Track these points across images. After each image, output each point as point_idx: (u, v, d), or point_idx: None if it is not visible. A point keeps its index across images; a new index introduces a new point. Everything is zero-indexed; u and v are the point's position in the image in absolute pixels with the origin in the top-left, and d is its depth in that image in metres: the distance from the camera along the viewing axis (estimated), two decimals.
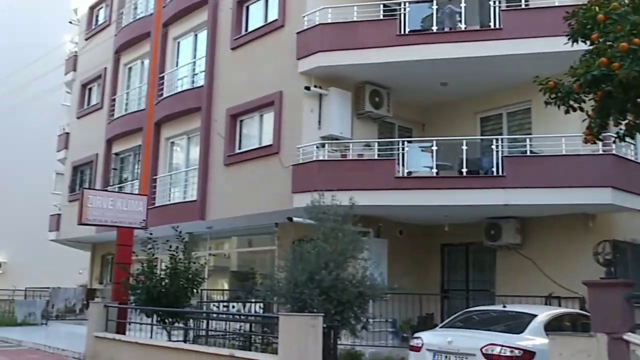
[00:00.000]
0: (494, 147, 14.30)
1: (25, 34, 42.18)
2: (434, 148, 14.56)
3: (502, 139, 14.71)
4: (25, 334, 20.12)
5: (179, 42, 22.10)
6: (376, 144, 15.43)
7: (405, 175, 14.86)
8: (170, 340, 13.84)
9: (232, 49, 18.91)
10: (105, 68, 25.60)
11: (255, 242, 20.42)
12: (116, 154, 24.47)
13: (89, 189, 20.44)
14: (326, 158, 15.34)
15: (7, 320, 23.41)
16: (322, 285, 11.31)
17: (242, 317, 14.55)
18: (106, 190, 20.81)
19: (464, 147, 14.29)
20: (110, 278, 25.05)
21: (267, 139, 17.27)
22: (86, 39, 27.41)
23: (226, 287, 20.46)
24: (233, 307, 16.09)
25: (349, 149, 15.63)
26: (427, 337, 9.94)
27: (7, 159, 41.15)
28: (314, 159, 15.29)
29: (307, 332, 10.10)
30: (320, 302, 11.25)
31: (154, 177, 21.01)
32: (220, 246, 21.65)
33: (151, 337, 14.09)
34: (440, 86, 16.45)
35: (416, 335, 10.19)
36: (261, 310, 14.99)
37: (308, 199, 13.38)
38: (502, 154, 14.25)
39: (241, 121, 18.49)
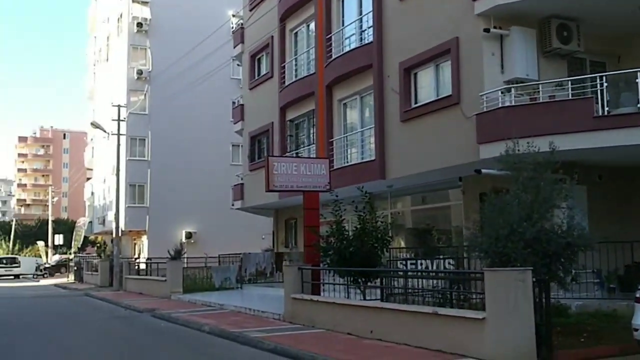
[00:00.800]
0: None
1: (191, 15, 44.31)
2: (639, 81, 13.05)
3: None
4: (224, 297, 21.31)
5: (343, 0, 21.80)
6: (569, 83, 14.16)
7: (606, 114, 13.52)
8: (365, 299, 13.83)
9: None
10: (272, 36, 26.00)
11: (437, 197, 19.89)
12: (290, 120, 24.90)
13: (273, 156, 20.94)
14: (513, 103, 14.37)
15: (206, 285, 24.94)
16: (525, 237, 10.63)
17: (442, 274, 14.08)
18: (292, 156, 21.14)
19: None
20: (295, 241, 25.80)
21: (446, 90, 16.56)
22: (250, 10, 27.96)
23: (403, 244, 20.24)
24: (421, 264, 15.79)
25: (537, 91, 14.51)
26: None
27: (188, 137, 43.95)
28: (500, 105, 14.40)
29: (516, 287, 9.61)
30: (525, 255, 10.58)
31: (330, 140, 21.09)
32: (400, 204, 21.38)
33: (347, 297, 14.14)
34: (638, 10, 14.70)
35: None
36: (452, 267, 14.55)
37: (497, 148, 12.66)
38: None
39: (415, 74, 17.89)
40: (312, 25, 23.52)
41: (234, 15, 42.61)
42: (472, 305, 11.65)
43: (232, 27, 39.96)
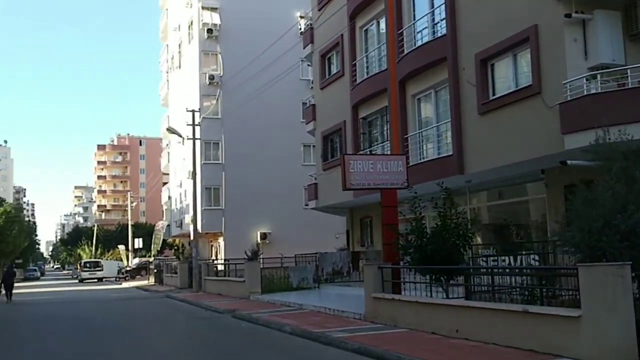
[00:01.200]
0: None
1: (259, 18, 44.79)
2: None
3: None
4: (302, 297, 21.28)
5: None
6: None
7: None
8: (447, 297, 13.49)
9: None
10: (342, 35, 25.87)
11: (514, 192, 19.34)
12: (363, 118, 24.65)
13: (349, 154, 20.77)
14: (600, 90, 13.71)
15: (283, 285, 25.01)
16: (620, 230, 10.08)
17: (530, 270, 13.56)
18: (365, 154, 20.93)
19: None
20: (371, 240, 25.59)
21: (525, 80, 16.01)
22: (319, 9, 27.91)
23: (480, 241, 19.68)
24: (503, 260, 15.29)
25: (626, 77, 13.77)
26: None
27: (260, 139, 44.46)
28: (585, 93, 13.76)
29: (615, 283, 9.14)
30: (621, 249, 10.03)
31: (405, 136, 20.75)
32: (475, 200, 20.83)
33: (431, 295, 13.81)
34: None
35: None
36: (536, 263, 14.02)
37: (584, 138, 12.14)
38: None
39: (492, 65, 17.35)
40: (383, 22, 23.26)
41: (301, 17, 42.81)
42: (562, 302, 11.18)
43: (300, 29, 40.16)
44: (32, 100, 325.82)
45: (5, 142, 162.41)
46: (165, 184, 64.86)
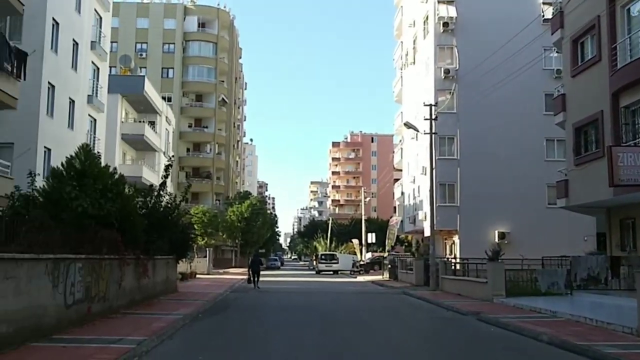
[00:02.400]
0: None
1: (497, 8, 43.01)
2: None
3: None
4: (553, 304, 19.57)
5: None
6: None
7: None
8: None
9: None
10: (598, 17, 23.38)
11: None
12: (625, 107, 21.92)
13: (617, 146, 18.63)
14: None
15: (530, 289, 23.32)
16: None
17: None
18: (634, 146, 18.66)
19: None
20: (634, 244, 22.86)
21: None
22: None
23: None
24: None
25: None
26: None
27: (497, 134, 42.69)
28: None
29: None
30: None
31: None
32: None
33: None
34: None
35: None
36: None
37: None
38: None
39: None
40: None
41: (545, 4, 40.16)
42: None
43: (543, 16, 37.58)
44: (273, 100, 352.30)
45: (251, 140, 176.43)
46: (396, 180, 65.29)
